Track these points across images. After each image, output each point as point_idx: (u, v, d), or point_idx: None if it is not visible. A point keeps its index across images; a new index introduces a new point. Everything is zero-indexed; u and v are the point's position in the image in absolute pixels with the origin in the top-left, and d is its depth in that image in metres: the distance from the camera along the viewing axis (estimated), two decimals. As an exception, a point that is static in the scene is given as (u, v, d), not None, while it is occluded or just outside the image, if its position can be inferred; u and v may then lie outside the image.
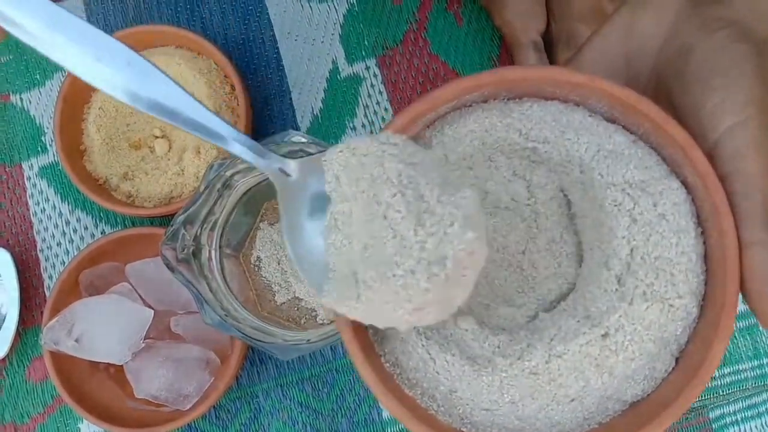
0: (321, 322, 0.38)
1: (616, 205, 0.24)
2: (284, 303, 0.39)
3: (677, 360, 0.24)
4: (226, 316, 0.30)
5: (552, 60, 0.48)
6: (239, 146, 0.26)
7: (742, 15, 0.25)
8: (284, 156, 0.28)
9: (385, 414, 0.46)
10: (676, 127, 0.24)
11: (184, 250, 0.31)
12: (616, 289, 0.24)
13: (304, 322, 0.39)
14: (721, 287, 0.23)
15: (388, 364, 0.25)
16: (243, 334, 0.30)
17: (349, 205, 0.24)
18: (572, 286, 0.27)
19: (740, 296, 0.23)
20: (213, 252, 0.34)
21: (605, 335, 0.23)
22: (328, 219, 0.24)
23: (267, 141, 0.31)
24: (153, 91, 0.26)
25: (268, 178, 0.35)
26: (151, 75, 0.26)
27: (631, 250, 0.24)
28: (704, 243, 0.24)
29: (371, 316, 0.23)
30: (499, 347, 0.25)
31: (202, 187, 0.31)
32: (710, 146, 0.24)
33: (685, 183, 0.25)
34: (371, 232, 0.23)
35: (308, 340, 0.31)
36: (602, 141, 0.25)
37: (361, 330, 0.25)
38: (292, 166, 0.26)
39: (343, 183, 0.24)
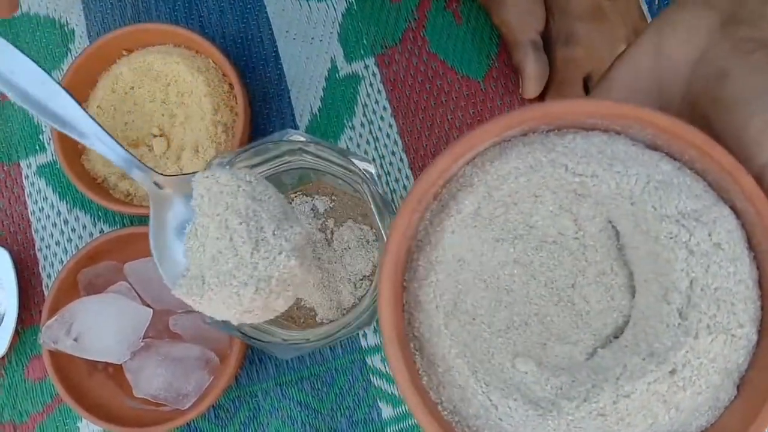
0: (320, 322, 0.38)
1: (671, 238, 0.24)
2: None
3: (738, 387, 0.24)
4: (224, 315, 0.30)
5: (550, 58, 0.48)
6: (111, 154, 0.31)
7: None
8: (283, 155, 0.28)
9: (385, 414, 0.46)
10: (722, 152, 0.23)
11: (182, 250, 0.31)
12: (679, 324, 0.24)
13: (303, 322, 0.39)
14: None
15: (446, 412, 0.25)
16: (242, 333, 0.30)
17: (208, 221, 0.30)
18: (627, 318, 0.26)
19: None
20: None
21: (673, 372, 0.23)
22: (190, 227, 0.30)
23: (266, 140, 0.31)
24: (20, 80, 0.26)
25: (269, 177, 0.35)
26: (21, 64, 0.25)
27: (691, 282, 0.24)
28: (757, 268, 0.24)
29: (211, 310, 0.30)
30: (561, 389, 0.24)
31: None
32: (758, 170, 0.23)
33: (733, 209, 0.24)
34: (219, 247, 0.29)
35: (307, 340, 0.31)
36: (650, 171, 0.25)
37: (416, 376, 0.24)
38: (164, 180, 0.32)
39: (205, 202, 0.30)
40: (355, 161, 0.31)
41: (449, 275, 0.25)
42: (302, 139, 0.31)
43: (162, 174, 0.32)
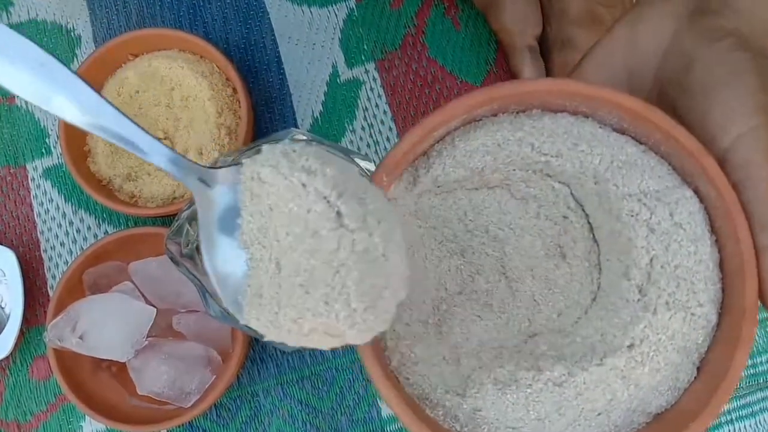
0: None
1: (632, 216, 0.24)
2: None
3: (698, 369, 0.24)
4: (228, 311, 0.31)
5: (547, 63, 0.49)
6: (158, 157, 0.24)
7: (740, 25, 0.25)
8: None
9: (384, 412, 0.47)
10: (686, 135, 0.24)
11: (188, 246, 0.31)
12: (638, 300, 0.24)
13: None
14: (739, 294, 0.23)
15: (408, 387, 0.25)
16: (248, 327, 0.31)
17: (283, 230, 0.22)
18: (595, 295, 0.27)
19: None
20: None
21: (631, 346, 0.23)
22: (244, 226, 0.23)
23: (269, 138, 0.32)
24: (70, 97, 0.23)
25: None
26: (68, 80, 0.23)
27: (651, 260, 0.24)
28: (719, 251, 0.24)
29: (273, 336, 0.23)
30: (518, 363, 0.24)
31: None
32: (720, 155, 0.24)
33: (696, 192, 0.25)
34: (299, 265, 0.22)
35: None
36: (615, 152, 0.25)
37: (377, 350, 0.24)
38: (213, 174, 0.25)
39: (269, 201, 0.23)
40: (357, 159, 0.32)
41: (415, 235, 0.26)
42: (305, 137, 0.32)
43: (211, 167, 0.26)
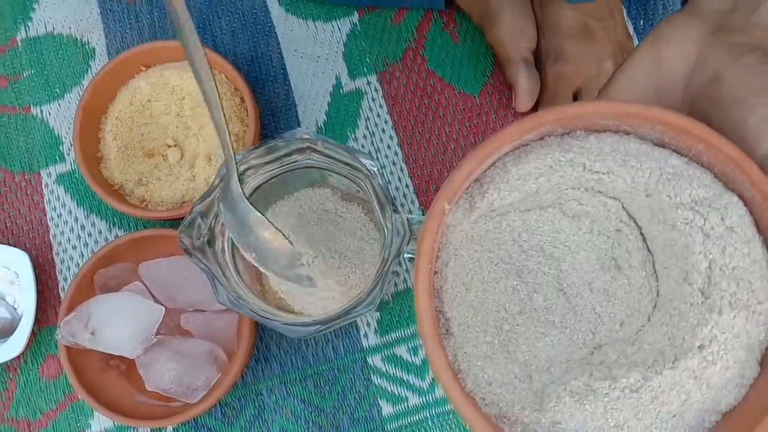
0: (325, 311, 0.40)
1: (687, 224, 0.26)
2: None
3: (760, 365, 0.25)
4: (237, 298, 0.33)
5: (542, 74, 0.51)
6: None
7: (763, 40, 0.27)
8: (292, 154, 0.31)
9: (385, 411, 0.48)
10: (729, 144, 0.25)
11: (200, 239, 0.33)
12: (702, 302, 0.25)
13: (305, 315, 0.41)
14: None
15: (485, 407, 0.26)
16: (253, 312, 0.32)
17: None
18: (655, 305, 0.28)
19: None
20: (226, 244, 0.36)
21: (701, 347, 0.24)
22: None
23: (277, 139, 0.34)
24: None
25: (278, 175, 0.37)
26: None
27: (710, 264, 0.25)
28: None
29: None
30: (592, 374, 0.25)
31: (217, 181, 0.34)
32: (759, 161, 0.25)
33: (740, 197, 0.26)
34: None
35: (313, 320, 0.33)
36: (662, 165, 0.26)
37: (453, 372, 0.26)
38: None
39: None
40: (361, 158, 0.33)
41: (469, 257, 0.27)
42: (311, 136, 0.34)
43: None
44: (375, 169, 0.35)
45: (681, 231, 0.26)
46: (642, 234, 0.28)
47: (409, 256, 0.34)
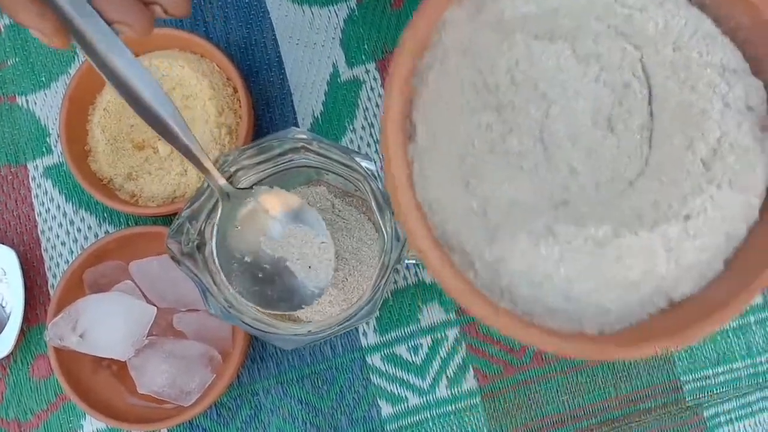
0: (321, 320, 0.38)
1: (711, 87, 0.24)
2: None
3: (726, 264, 0.24)
4: (229, 307, 0.31)
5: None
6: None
7: None
8: (286, 153, 0.29)
9: (384, 412, 0.47)
10: None
11: (188, 244, 0.32)
12: (702, 173, 0.23)
13: (303, 319, 0.40)
14: None
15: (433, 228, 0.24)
16: (245, 323, 0.31)
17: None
18: (641, 170, 0.25)
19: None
20: (215, 247, 0.35)
21: (687, 216, 0.23)
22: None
23: (270, 137, 0.32)
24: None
25: (270, 175, 0.36)
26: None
27: (721, 135, 0.23)
28: None
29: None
30: (558, 218, 0.23)
31: (206, 183, 0.32)
32: None
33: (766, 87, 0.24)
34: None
35: (309, 331, 0.32)
36: (699, 23, 0.24)
37: (408, 175, 0.24)
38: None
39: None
40: (357, 159, 0.32)
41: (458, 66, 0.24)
42: (305, 136, 0.32)
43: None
44: (373, 168, 0.33)
45: (701, 94, 0.24)
46: (650, 95, 0.26)
47: (412, 262, 0.33)
